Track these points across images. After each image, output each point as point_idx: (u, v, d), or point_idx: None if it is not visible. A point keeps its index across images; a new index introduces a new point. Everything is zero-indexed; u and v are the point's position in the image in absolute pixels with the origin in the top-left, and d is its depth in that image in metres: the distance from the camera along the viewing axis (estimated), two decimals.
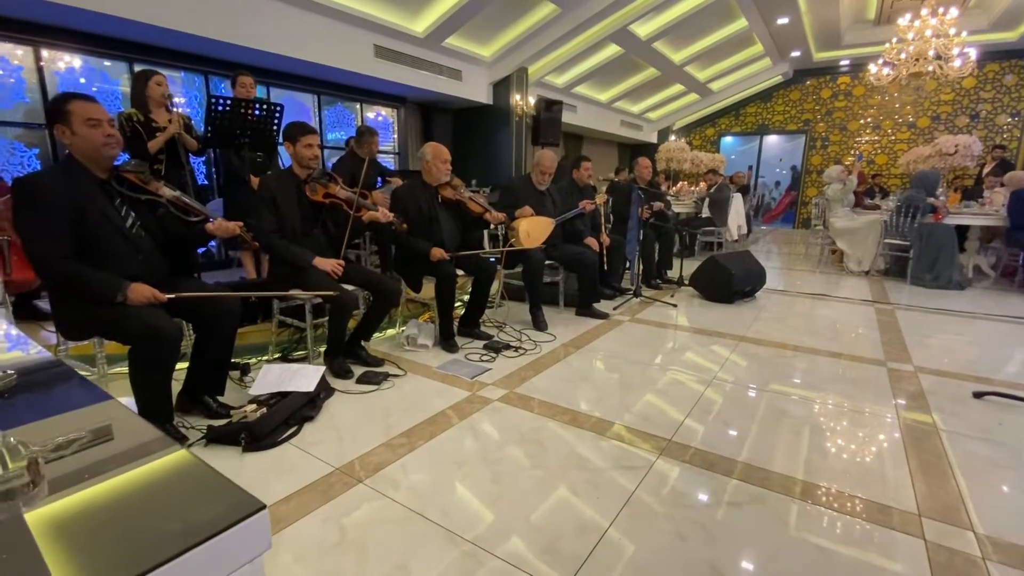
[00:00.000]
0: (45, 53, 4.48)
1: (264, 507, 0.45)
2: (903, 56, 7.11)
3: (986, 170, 7.53)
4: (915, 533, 1.58)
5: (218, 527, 0.42)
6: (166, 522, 0.44)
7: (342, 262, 2.75)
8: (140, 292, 1.92)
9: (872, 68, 7.66)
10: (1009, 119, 9.95)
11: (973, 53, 7.02)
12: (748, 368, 3.00)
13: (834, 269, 6.43)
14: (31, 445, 0.58)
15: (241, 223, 2.31)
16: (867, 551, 1.51)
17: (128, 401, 2.17)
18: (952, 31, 6.75)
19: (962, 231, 5.67)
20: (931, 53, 6.91)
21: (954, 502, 1.74)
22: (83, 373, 2.43)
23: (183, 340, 2.19)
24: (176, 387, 2.23)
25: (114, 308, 1.91)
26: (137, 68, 4.78)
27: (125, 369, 1.99)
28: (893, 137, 11.10)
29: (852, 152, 11.41)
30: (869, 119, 11.31)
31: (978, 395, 2.58)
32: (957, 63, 6.89)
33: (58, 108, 1.89)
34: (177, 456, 0.58)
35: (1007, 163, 7.59)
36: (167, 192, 2.15)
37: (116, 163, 2.08)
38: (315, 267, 2.70)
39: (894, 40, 7.19)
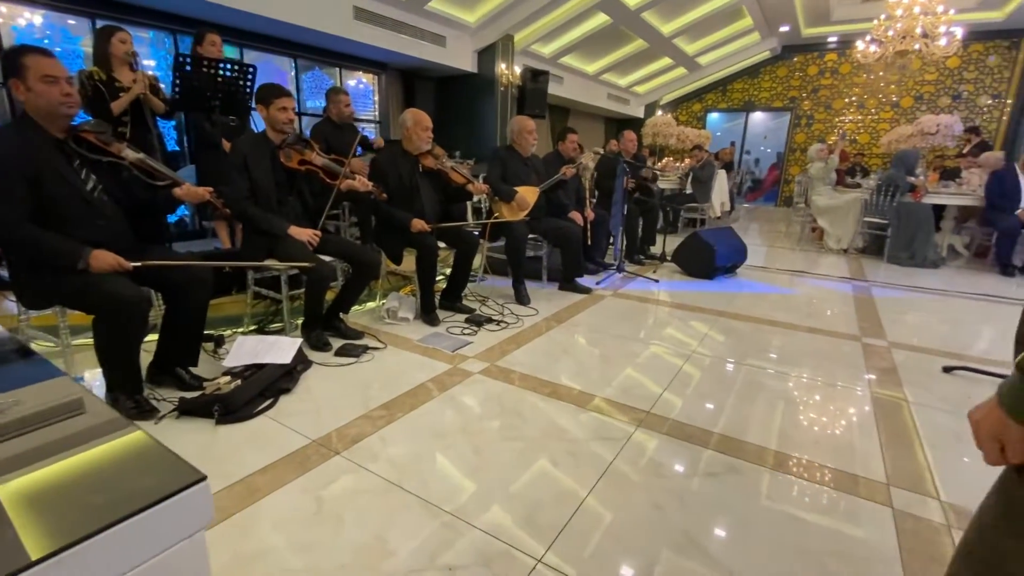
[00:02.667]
0: (3, 8, 4.19)
1: (204, 478, 0.41)
2: (891, 33, 7.07)
3: (964, 151, 7.63)
4: (883, 502, 1.62)
5: (151, 499, 0.38)
6: (92, 496, 0.40)
7: (319, 232, 2.67)
8: (103, 259, 1.84)
9: (860, 45, 7.61)
10: (990, 100, 10.05)
11: (959, 32, 7.01)
12: (727, 343, 3.03)
13: (814, 247, 6.51)
14: None
15: (211, 189, 2.21)
16: (837, 519, 1.54)
17: (96, 373, 2.11)
18: (940, 8, 6.72)
19: (938, 211, 5.76)
20: (918, 31, 6.89)
21: (921, 472, 1.79)
22: (46, 344, 2.34)
23: (152, 310, 2.12)
24: (148, 358, 2.18)
25: (76, 276, 1.82)
26: (100, 25, 4.51)
27: (91, 340, 1.91)
28: (876, 116, 11.15)
29: (836, 130, 11.45)
30: (854, 98, 11.33)
31: (947, 370, 2.65)
32: (942, 42, 6.88)
33: (13, 62, 1.77)
34: (122, 431, 0.53)
35: (985, 144, 7.69)
36: (130, 154, 2.04)
37: (74, 123, 1.96)
38: (290, 236, 2.62)
39: (882, 16, 7.14)
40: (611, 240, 5.04)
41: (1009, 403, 0.64)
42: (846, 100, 11.42)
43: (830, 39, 11.01)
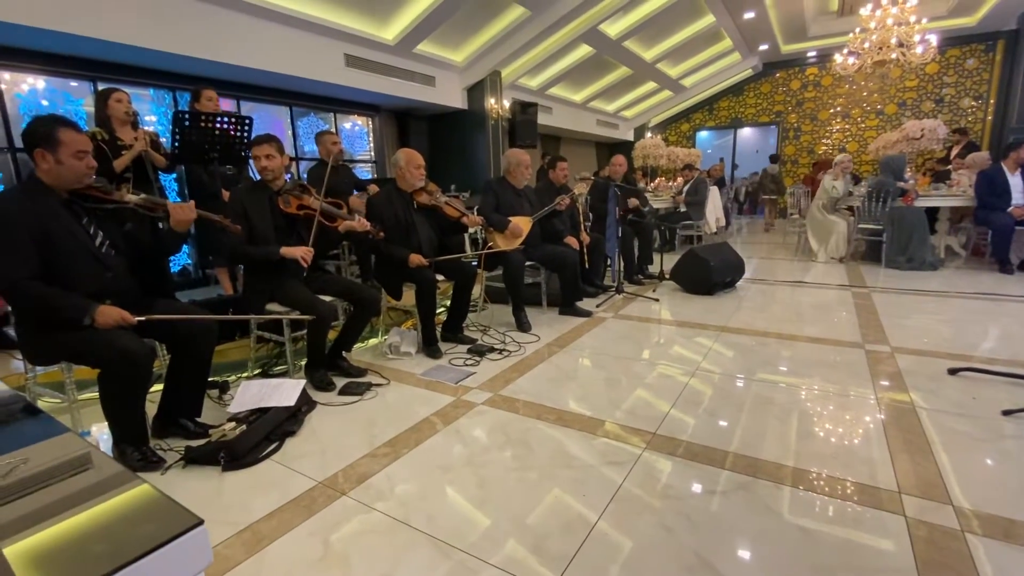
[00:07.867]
0: (7, 75, 4.38)
1: (201, 522, 0.43)
2: (867, 45, 7.26)
3: (954, 153, 7.72)
4: (896, 510, 1.60)
5: (148, 546, 0.40)
6: (93, 547, 0.42)
7: (311, 249, 2.67)
8: (108, 315, 1.88)
9: (838, 58, 7.81)
10: (973, 102, 10.22)
11: (934, 39, 7.19)
12: (731, 357, 3.03)
13: (812, 257, 6.53)
14: None
15: (193, 202, 2.22)
16: (849, 529, 1.52)
17: (102, 426, 2.12)
18: (912, 18, 6.91)
19: (932, 213, 5.80)
20: (893, 41, 7.07)
21: (933, 478, 1.77)
22: (52, 401, 2.36)
23: (156, 361, 2.15)
24: (152, 408, 2.19)
25: (81, 332, 1.86)
26: (101, 87, 4.69)
27: (96, 394, 1.94)
28: (863, 125, 11.33)
29: (823, 140, 11.64)
30: (839, 108, 11.54)
31: (953, 372, 2.63)
32: (919, 50, 7.06)
33: (47, 133, 1.84)
34: (126, 485, 0.55)
35: (973, 145, 7.79)
36: (132, 198, 2.10)
37: None
38: (290, 281, 2.66)
39: (857, 30, 7.34)
40: (608, 262, 5.08)
41: None
42: (831, 111, 11.63)
43: (809, 54, 11.29)
